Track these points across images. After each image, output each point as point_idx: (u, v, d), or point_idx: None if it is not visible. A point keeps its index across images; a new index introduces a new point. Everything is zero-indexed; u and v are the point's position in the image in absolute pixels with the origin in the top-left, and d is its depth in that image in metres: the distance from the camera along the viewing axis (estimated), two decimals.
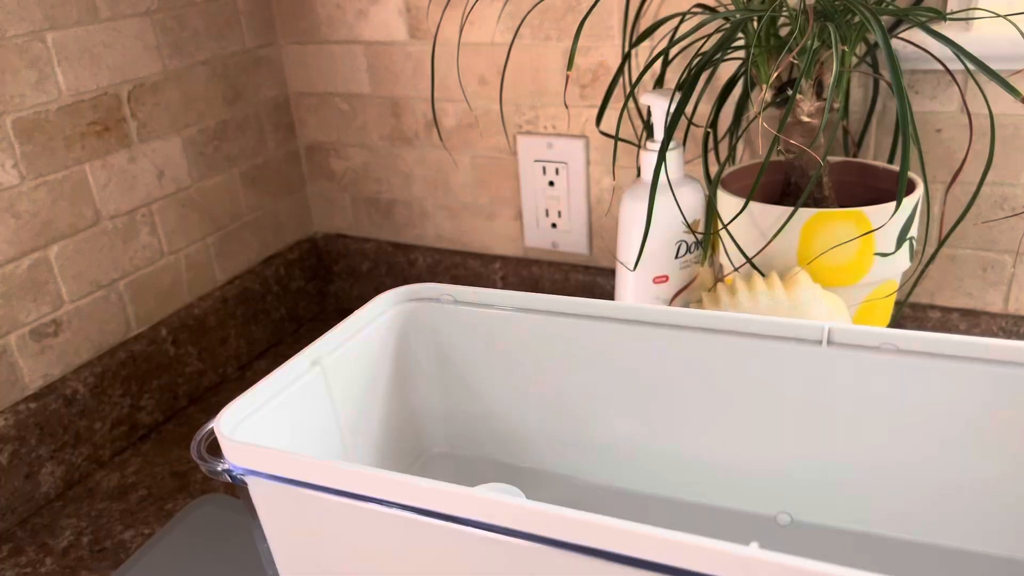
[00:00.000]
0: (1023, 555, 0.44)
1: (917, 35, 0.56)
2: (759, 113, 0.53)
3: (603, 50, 0.73)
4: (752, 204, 0.56)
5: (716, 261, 0.63)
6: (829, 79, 0.51)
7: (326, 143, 0.92)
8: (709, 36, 0.58)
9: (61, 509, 0.64)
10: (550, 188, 0.81)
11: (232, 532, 0.57)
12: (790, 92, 0.55)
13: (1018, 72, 0.55)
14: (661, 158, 0.54)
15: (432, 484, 0.32)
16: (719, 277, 0.64)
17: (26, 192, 0.63)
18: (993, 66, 0.49)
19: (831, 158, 0.62)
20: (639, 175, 0.61)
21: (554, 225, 0.82)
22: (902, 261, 0.57)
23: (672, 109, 0.54)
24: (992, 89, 0.58)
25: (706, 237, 0.61)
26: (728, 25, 0.54)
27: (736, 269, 0.58)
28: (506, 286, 0.88)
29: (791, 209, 0.53)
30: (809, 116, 0.56)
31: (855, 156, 0.67)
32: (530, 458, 0.54)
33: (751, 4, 0.57)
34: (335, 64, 0.87)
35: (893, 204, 0.52)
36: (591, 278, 0.82)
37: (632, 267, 0.59)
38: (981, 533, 0.44)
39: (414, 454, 0.55)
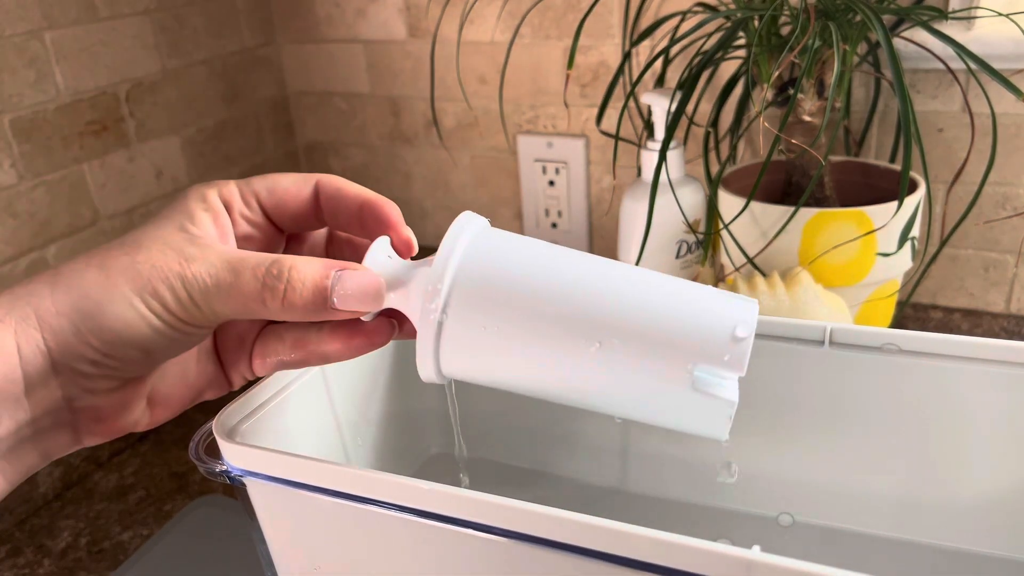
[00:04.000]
0: (1023, 556, 0.44)
1: (919, 34, 0.56)
2: (760, 112, 0.53)
3: (603, 49, 0.73)
4: (753, 204, 0.56)
5: (717, 261, 0.63)
6: (830, 78, 0.51)
7: (325, 142, 0.91)
8: (710, 35, 0.58)
9: (59, 510, 0.63)
10: (550, 188, 0.80)
11: (230, 533, 0.57)
12: (791, 91, 0.54)
13: (1020, 71, 0.55)
14: (662, 157, 0.54)
15: (432, 486, 0.32)
16: (720, 277, 0.64)
17: (24, 192, 0.63)
18: (995, 65, 0.49)
19: (832, 157, 0.62)
20: (639, 175, 0.60)
21: (554, 225, 0.82)
22: (904, 261, 0.57)
23: (673, 108, 0.54)
24: (994, 88, 0.58)
25: (707, 237, 0.61)
26: (729, 24, 0.54)
27: (737, 269, 0.58)
28: None
29: (792, 209, 0.53)
30: (810, 115, 0.55)
31: (856, 155, 0.67)
32: (531, 459, 0.53)
33: (752, 3, 0.56)
34: (334, 63, 0.86)
35: (895, 204, 0.52)
36: None
37: None
38: (983, 534, 0.44)
39: (414, 455, 0.55)
